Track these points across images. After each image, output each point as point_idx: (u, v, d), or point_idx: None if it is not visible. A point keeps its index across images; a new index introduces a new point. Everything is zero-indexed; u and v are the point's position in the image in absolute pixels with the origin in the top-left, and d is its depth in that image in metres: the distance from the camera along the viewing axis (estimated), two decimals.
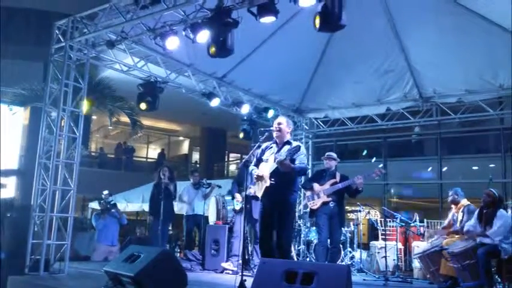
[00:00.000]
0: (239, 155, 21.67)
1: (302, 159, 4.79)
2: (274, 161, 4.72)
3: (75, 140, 6.72)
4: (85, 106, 6.84)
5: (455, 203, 6.79)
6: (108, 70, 9.08)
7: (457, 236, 6.46)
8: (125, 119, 13.87)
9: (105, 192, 9.27)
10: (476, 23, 6.99)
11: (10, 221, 6.04)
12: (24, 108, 13.80)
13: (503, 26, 6.88)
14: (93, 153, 20.36)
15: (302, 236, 8.72)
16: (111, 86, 12.10)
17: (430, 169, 13.03)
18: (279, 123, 5.01)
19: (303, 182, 8.20)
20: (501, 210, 5.82)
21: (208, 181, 9.12)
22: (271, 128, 5.03)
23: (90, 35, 6.65)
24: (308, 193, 6.79)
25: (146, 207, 10.23)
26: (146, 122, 18.52)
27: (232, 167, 22.00)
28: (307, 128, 10.76)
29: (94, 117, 17.21)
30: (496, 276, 5.86)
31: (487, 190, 6.00)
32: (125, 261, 4.43)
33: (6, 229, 5.90)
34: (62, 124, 6.66)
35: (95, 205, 12.87)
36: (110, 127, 18.58)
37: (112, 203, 9.21)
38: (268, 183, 4.71)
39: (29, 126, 13.43)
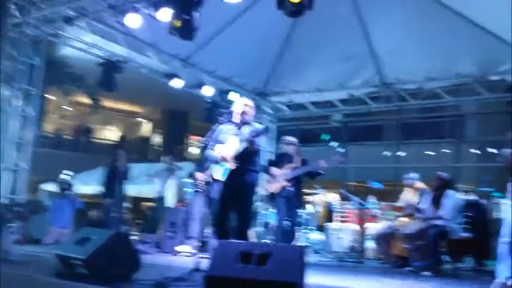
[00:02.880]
0: (200, 137, 21.47)
1: (260, 142, 4.74)
2: (241, 142, 4.64)
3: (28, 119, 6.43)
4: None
5: (410, 186, 6.99)
6: (65, 48, 8.72)
7: (409, 218, 6.65)
8: (82, 99, 13.44)
9: (67, 172, 8.99)
10: (439, 12, 7.14)
11: None
12: None
13: (464, 15, 7.03)
14: (48, 134, 19.67)
15: (261, 218, 8.77)
16: (68, 64, 11.62)
17: (387, 153, 13.36)
18: (246, 105, 4.89)
19: (262, 165, 8.21)
20: (450, 191, 6.03)
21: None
22: (232, 109, 4.94)
23: (47, 10, 6.33)
24: (267, 177, 6.79)
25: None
26: (106, 103, 18.05)
27: (193, 150, 21.83)
28: (270, 111, 10.74)
29: (50, 96, 16.56)
30: (446, 257, 6.10)
31: (436, 174, 6.21)
32: (76, 244, 4.28)
33: None
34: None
35: (49, 187, 12.48)
36: (66, 107, 17.98)
37: (70, 184, 8.94)
38: (232, 165, 4.63)
39: None
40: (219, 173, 4.76)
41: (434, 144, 13.24)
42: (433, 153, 12.60)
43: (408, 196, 6.98)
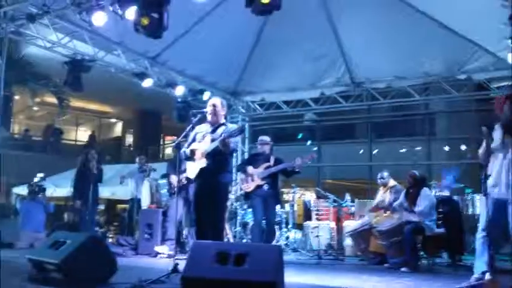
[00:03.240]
0: (175, 137, 21.31)
1: (236, 141, 4.73)
2: (212, 141, 4.63)
3: None
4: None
5: (384, 184, 7.11)
6: (30, 46, 8.47)
7: (385, 215, 6.77)
8: (51, 99, 13.11)
9: (40, 175, 8.77)
10: (407, 13, 7.24)
11: None
12: None
13: (430, 15, 7.18)
14: (16, 136, 19.13)
15: (238, 217, 8.77)
16: (33, 63, 11.29)
17: (361, 152, 13.55)
18: (214, 105, 4.91)
19: (237, 164, 8.23)
20: (425, 189, 6.16)
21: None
22: (204, 110, 4.92)
23: (8, 7, 6.13)
24: (242, 176, 6.79)
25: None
26: (76, 103, 17.67)
27: (168, 150, 21.61)
28: (243, 111, 10.73)
29: (16, 97, 16.09)
30: (422, 252, 6.24)
31: (409, 172, 6.36)
32: (49, 248, 4.21)
33: None
34: None
35: (20, 190, 12.15)
36: (34, 108, 17.50)
37: (42, 187, 8.73)
38: (204, 163, 4.62)
39: None
40: (193, 172, 4.74)
41: (406, 142, 13.50)
42: (405, 150, 12.84)
43: (382, 193, 7.10)
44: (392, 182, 7.03)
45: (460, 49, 7.56)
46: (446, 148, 12.31)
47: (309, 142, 13.87)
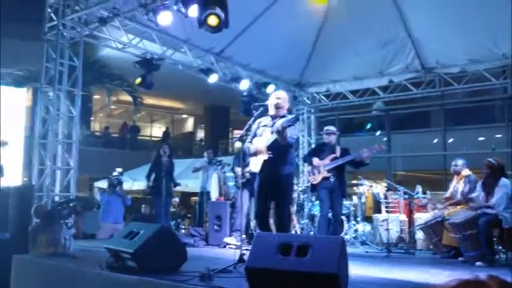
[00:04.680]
0: (243, 131, 21.59)
1: (293, 133, 4.70)
2: (272, 133, 4.67)
3: (73, 119, 6.72)
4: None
5: (457, 173, 6.75)
6: (105, 48, 9.00)
7: (459, 207, 6.44)
8: (127, 97, 13.86)
9: (118, 169, 9.30)
10: None
11: (14, 201, 6.08)
12: (27, 90, 13.80)
13: None
14: (97, 133, 20.38)
15: (306, 210, 8.76)
16: (109, 64, 12.01)
17: (435, 141, 12.94)
18: (278, 98, 4.93)
19: (303, 155, 8.21)
20: (503, 179, 5.74)
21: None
22: (266, 103, 4.96)
23: (82, 12, 6.57)
24: (308, 168, 6.77)
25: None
26: (150, 100, 18.50)
27: (237, 144, 21.99)
28: (309, 102, 10.67)
29: (96, 96, 17.17)
30: (498, 246, 5.87)
31: (485, 160, 5.92)
32: (124, 238, 4.46)
33: (10, 209, 5.95)
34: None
35: (101, 184, 12.96)
36: (112, 106, 18.57)
37: (120, 181, 9.25)
38: (265, 156, 4.67)
39: (32, 108, 13.43)
40: (256, 165, 4.81)
41: (484, 129, 12.69)
42: (483, 139, 12.08)
43: (455, 184, 6.76)
44: (466, 172, 6.64)
45: None
46: None
47: (378, 132, 13.48)
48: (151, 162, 8.33)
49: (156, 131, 23.17)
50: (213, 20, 5.36)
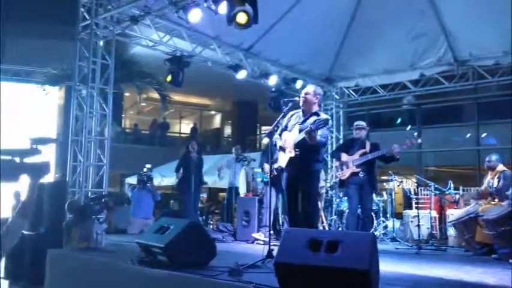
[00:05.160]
0: (271, 127, 21.56)
1: (324, 133, 4.69)
2: (300, 131, 4.66)
3: (106, 117, 6.86)
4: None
5: (492, 168, 6.58)
6: (136, 46, 9.15)
7: (493, 203, 6.28)
8: (157, 95, 14.04)
9: (148, 166, 9.46)
10: None
11: (48, 197, 6.26)
12: (59, 88, 14.16)
13: None
14: (127, 130, 20.74)
15: (334, 206, 8.70)
16: (139, 62, 12.19)
17: (468, 135, 12.63)
18: (306, 93, 4.91)
19: (331, 151, 8.14)
20: None
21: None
22: (296, 98, 4.95)
23: (114, 11, 6.69)
24: (337, 163, 6.72)
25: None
26: (177, 97, 18.71)
27: (265, 140, 21.97)
28: (337, 97, 10.58)
29: (126, 94, 17.47)
30: None
31: None
32: (155, 233, 4.53)
33: (45, 204, 6.13)
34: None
35: (131, 180, 13.19)
36: (142, 104, 18.87)
37: (150, 177, 9.41)
38: (292, 153, 4.67)
39: (65, 106, 13.79)
40: (284, 161, 4.81)
41: None
42: None
43: (489, 179, 6.59)
44: (501, 167, 6.47)
45: None
46: None
47: (408, 127, 13.23)
48: (180, 158, 8.42)
49: (185, 127, 23.41)
50: (242, 17, 5.39)
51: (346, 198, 7.50)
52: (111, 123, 6.98)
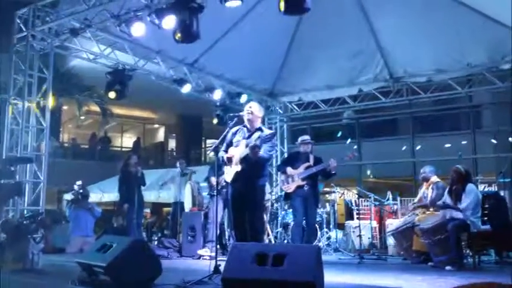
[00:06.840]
0: (216, 141, 21.52)
1: (267, 148, 4.77)
2: (246, 146, 4.71)
3: (43, 131, 6.58)
4: (51, 101, 6.68)
5: (426, 179, 6.94)
6: (76, 59, 8.86)
7: (428, 212, 6.61)
8: (97, 108, 13.64)
9: (78, 183, 9.15)
10: (444, 3, 7.08)
11: None
12: None
13: (469, 5, 6.97)
14: (65, 144, 19.95)
15: (279, 218, 8.81)
16: (79, 75, 11.82)
17: (404, 148, 13.25)
18: (250, 109, 4.98)
19: (277, 165, 8.26)
20: (470, 184, 5.94)
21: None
22: (241, 113, 5.01)
23: (52, 23, 6.48)
24: (282, 177, 6.83)
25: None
26: (120, 110, 18.26)
27: (210, 154, 21.87)
28: (281, 111, 10.77)
29: (64, 107, 16.84)
30: (467, 250, 6.05)
31: (453, 167, 6.12)
32: (97, 252, 4.38)
33: None
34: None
35: (69, 196, 12.67)
36: (81, 117, 18.21)
37: (84, 194, 9.09)
38: (239, 168, 4.71)
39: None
40: (229, 175, 4.84)
41: (451, 136, 13.10)
42: (449, 145, 12.44)
43: (424, 190, 6.94)
44: (435, 178, 6.84)
45: (502, 38, 7.25)
46: (494, 141, 11.83)
47: (348, 140, 13.70)
48: (120, 174, 8.22)
49: (127, 141, 22.82)
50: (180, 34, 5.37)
51: (291, 210, 7.63)
52: (49, 138, 6.70)
